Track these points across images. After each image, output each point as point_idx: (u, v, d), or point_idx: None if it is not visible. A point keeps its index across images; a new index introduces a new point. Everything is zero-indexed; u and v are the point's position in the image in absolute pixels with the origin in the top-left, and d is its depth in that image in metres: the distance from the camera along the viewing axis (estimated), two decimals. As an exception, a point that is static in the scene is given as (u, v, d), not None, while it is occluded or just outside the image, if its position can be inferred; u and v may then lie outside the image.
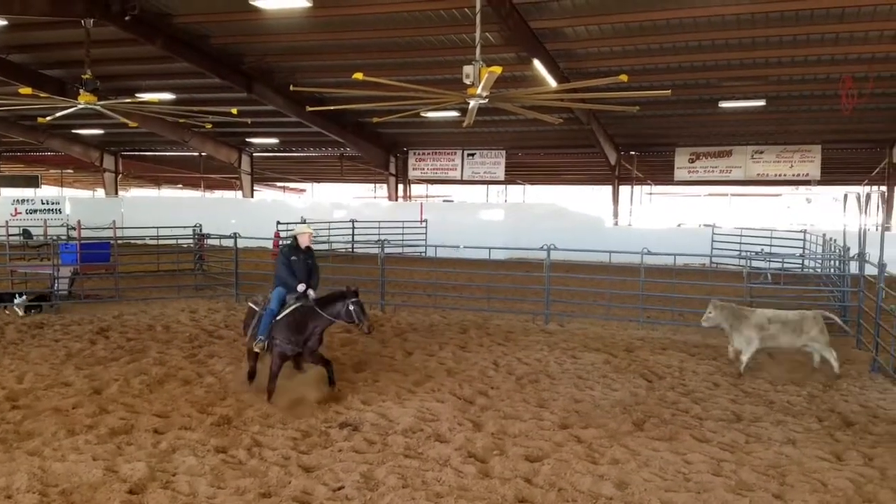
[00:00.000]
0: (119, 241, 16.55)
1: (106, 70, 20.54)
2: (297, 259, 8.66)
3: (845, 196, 14.05)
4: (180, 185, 51.09)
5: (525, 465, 6.26)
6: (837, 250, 15.99)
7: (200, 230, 18.71)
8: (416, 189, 40.10)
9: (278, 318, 8.31)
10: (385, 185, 35.83)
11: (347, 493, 5.61)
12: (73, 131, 33.36)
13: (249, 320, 8.88)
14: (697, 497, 5.67)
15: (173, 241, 20.69)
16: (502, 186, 41.97)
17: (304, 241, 8.83)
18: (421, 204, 32.10)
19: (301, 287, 8.40)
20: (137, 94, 22.12)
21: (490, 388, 8.80)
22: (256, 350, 8.38)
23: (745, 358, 9.69)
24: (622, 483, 5.91)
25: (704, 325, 10.26)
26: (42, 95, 14.97)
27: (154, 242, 20.98)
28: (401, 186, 34.56)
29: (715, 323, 10.04)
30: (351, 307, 8.11)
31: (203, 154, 34.94)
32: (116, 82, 23.10)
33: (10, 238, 17.25)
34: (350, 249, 25.38)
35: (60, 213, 29.44)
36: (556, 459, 6.37)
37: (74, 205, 33.44)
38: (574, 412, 7.84)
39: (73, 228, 18.36)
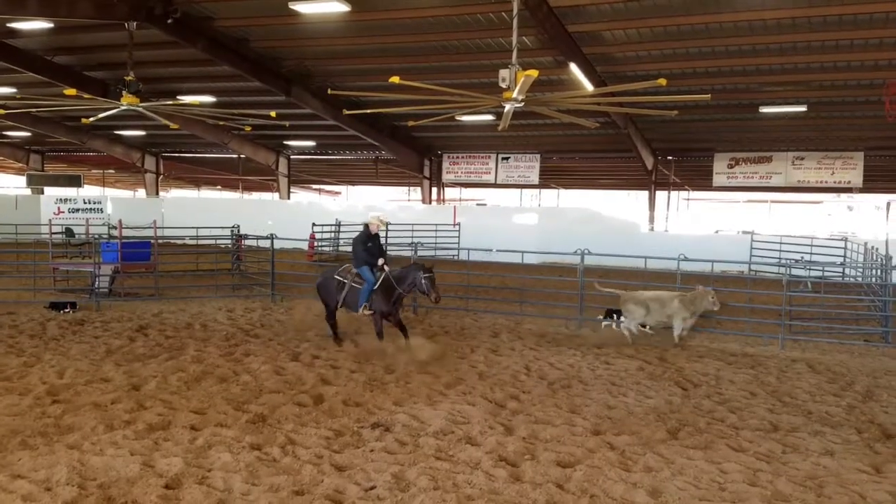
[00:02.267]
0: (159, 241, 16.83)
1: (148, 72, 20.99)
2: (371, 244, 10.81)
3: (888, 204, 13.75)
4: (219, 187, 51.82)
5: (556, 470, 6.23)
6: (879, 259, 15.64)
7: (238, 231, 18.98)
8: (450, 192, 40.15)
9: (375, 287, 10.52)
10: (419, 188, 35.95)
11: (379, 493, 5.64)
12: (116, 132, 34.07)
13: (330, 291, 11.13)
14: (732, 507, 5.59)
15: (212, 242, 21.02)
16: (536, 190, 41.79)
17: (373, 229, 10.99)
18: (454, 207, 32.15)
19: (381, 261, 10.68)
20: (179, 97, 22.54)
21: (521, 392, 8.78)
22: (366, 314, 10.67)
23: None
24: (655, 491, 5.86)
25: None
26: (86, 97, 15.34)
27: (193, 242, 21.33)
28: (434, 189, 34.63)
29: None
30: (423, 279, 10.26)
31: (242, 156, 35.41)
32: (158, 84, 23.54)
33: (53, 236, 17.62)
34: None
35: (102, 212, 29.94)
36: (589, 466, 6.33)
37: (116, 204, 34.11)
38: (607, 418, 7.78)
39: (115, 228, 18.75)
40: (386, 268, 10.66)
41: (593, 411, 8.01)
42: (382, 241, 12.04)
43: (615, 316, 12.82)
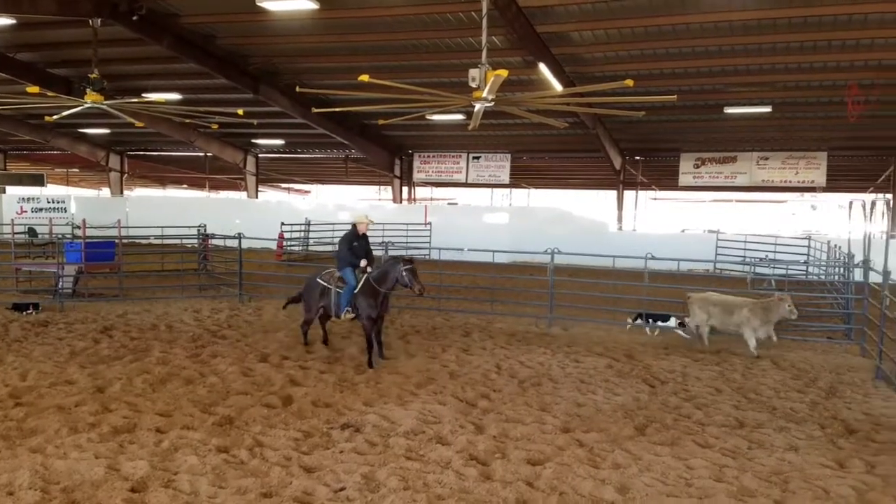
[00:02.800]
0: (124, 241, 16.57)
1: (113, 70, 20.65)
2: (357, 244, 10.37)
3: (850, 203, 14.04)
4: (185, 186, 51.18)
5: (526, 468, 6.25)
6: (842, 257, 15.96)
7: (205, 230, 18.75)
8: (421, 191, 40.11)
9: (356, 290, 10.08)
10: (390, 188, 35.87)
11: (349, 494, 5.61)
12: (80, 130, 33.51)
13: (313, 296, 10.68)
14: (699, 502, 5.65)
15: (178, 241, 20.75)
16: (507, 190, 41.93)
17: (361, 229, 10.51)
18: (425, 206, 32.11)
19: (363, 263, 10.23)
20: (144, 94, 22.20)
21: (492, 391, 8.80)
22: (347, 317, 10.29)
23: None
24: (623, 487, 5.90)
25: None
26: (49, 94, 15.05)
27: (158, 242, 21.04)
28: (405, 189, 34.60)
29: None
30: (404, 272, 9.81)
31: (208, 154, 35.05)
32: (123, 82, 23.19)
33: (16, 236, 17.26)
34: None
35: (66, 211, 29.47)
36: (558, 463, 6.36)
37: (80, 204, 33.50)
38: (576, 416, 7.83)
39: (79, 227, 18.42)
40: (369, 269, 10.19)
41: (563, 409, 8.06)
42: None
43: (649, 320, 12.77)
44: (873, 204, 12.85)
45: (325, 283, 10.53)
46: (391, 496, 5.55)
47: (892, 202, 26.71)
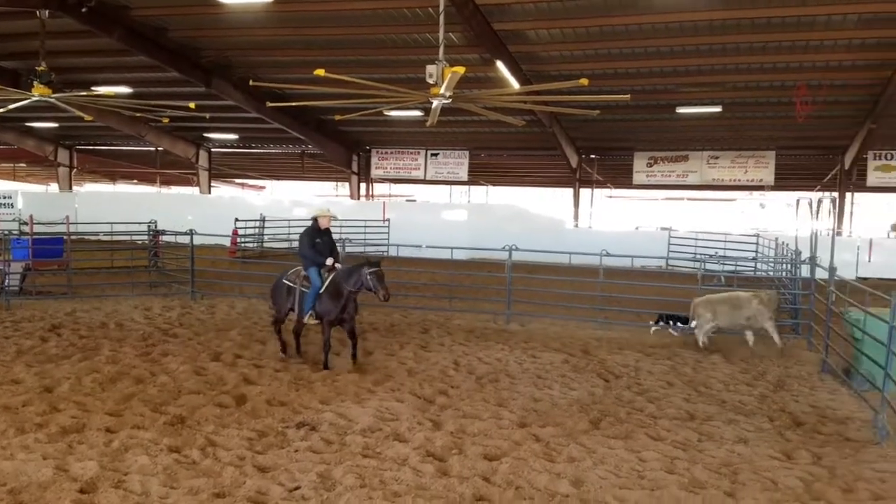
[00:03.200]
0: (72, 237, 16.15)
1: (61, 62, 20.12)
2: (320, 241, 9.87)
3: (798, 201, 14.40)
4: (136, 181, 50.12)
5: (483, 463, 6.27)
6: (789, 254, 16.37)
7: (156, 226, 18.38)
8: (379, 188, 39.98)
9: (321, 291, 9.54)
10: (347, 184, 35.65)
11: (304, 493, 5.56)
12: (27, 124, 32.55)
13: (280, 296, 10.09)
14: (651, 494, 5.75)
15: (128, 238, 20.31)
16: (465, 187, 42.08)
17: (323, 224, 10.05)
18: (384, 203, 32.02)
19: (329, 261, 9.69)
20: (93, 88, 21.65)
21: (450, 387, 8.81)
22: (311, 323, 9.67)
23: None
24: (578, 481, 5.97)
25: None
26: (-6, 86, 14.54)
27: (108, 238, 20.56)
28: (363, 185, 34.42)
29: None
30: (368, 276, 9.25)
31: (159, 149, 34.37)
32: (72, 75, 22.59)
33: (-41, 232, 16.69)
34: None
35: (12, 207, 28.65)
36: (514, 458, 6.41)
37: (27, 199, 32.56)
38: (533, 411, 7.89)
39: (26, 223, 17.90)
40: (337, 266, 9.70)
41: (520, 404, 8.11)
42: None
43: (670, 322, 12.78)
44: (819, 202, 13.17)
45: (291, 283, 9.99)
46: (347, 494, 5.51)
47: (837, 201, 27.50)
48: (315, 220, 10.06)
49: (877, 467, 6.46)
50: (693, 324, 12.00)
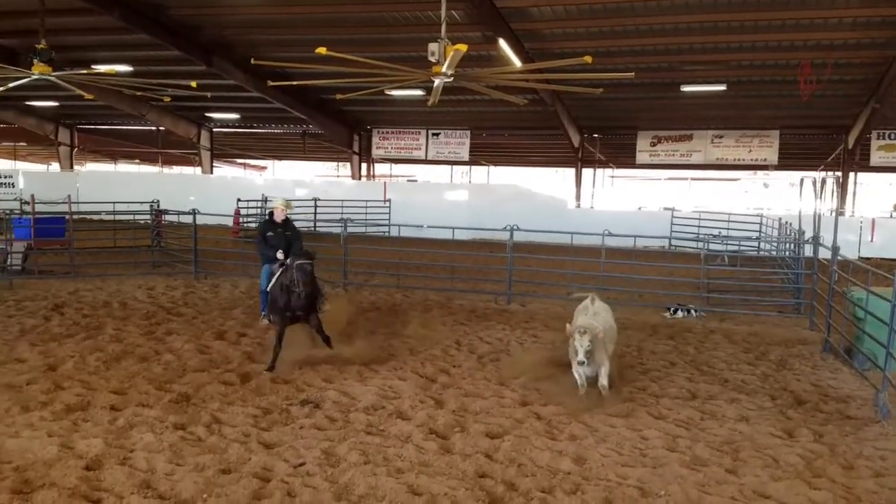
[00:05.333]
0: (74, 217, 16.14)
1: (61, 40, 19.96)
2: (272, 234, 9.40)
3: (801, 181, 14.35)
4: (137, 161, 49.99)
5: (486, 441, 6.31)
6: (792, 234, 16.35)
7: (158, 206, 18.36)
8: (380, 168, 39.86)
9: (268, 290, 9.03)
10: (348, 164, 35.53)
11: (308, 469, 5.60)
12: (27, 103, 32.37)
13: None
14: (653, 472, 5.79)
15: (130, 217, 20.30)
16: (466, 167, 41.93)
17: (278, 215, 9.56)
18: (385, 183, 31.97)
19: (280, 255, 9.04)
20: (94, 66, 21.52)
21: (452, 366, 8.85)
22: (262, 324, 9.24)
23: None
24: (580, 458, 6.01)
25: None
26: (-7, 65, 14.45)
27: (110, 218, 20.56)
28: (364, 165, 34.31)
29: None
30: (294, 269, 8.36)
31: (161, 129, 34.21)
32: (72, 53, 22.44)
33: (-39, 212, 16.68)
34: (312, 228, 25.17)
35: (13, 186, 28.62)
36: (517, 436, 6.44)
37: (28, 179, 32.56)
38: (534, 390, 7.92)
39: (27, 203, 17.88)
40: (289, 261, 8.69)
41: (521, 383, 8.13)
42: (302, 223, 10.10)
43: (688, 311, 12.73)
44: (823, 182, 13.14)
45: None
46: (351, 470, 5.56)
47: (841, 180, 27.42)
48: (270, 213, 9.65)
49: (877, 445, 6.51)
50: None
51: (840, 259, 10.48)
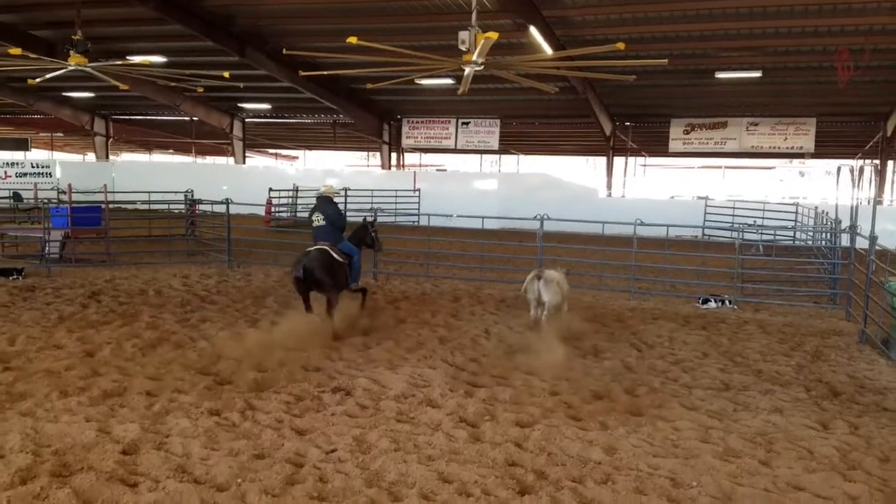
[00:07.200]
0: (110, 206, 16.44)
1: (97, 31, 20.26)
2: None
3: (838, 169, 14.09)
4: (171, 151, 50.68)
5: (515, 430, 6.31)
6: (829, 223, 16.06)
7: (192, 196, 18.61)
8: (410, 158, 39.92)
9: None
10: (378, 154, 35.64)
11: (340, 455, 5.65)
12: (64, 94, 32.99)
13: None
14: (685, 462, 5.74)
15: (165, 207, 20.60)
16: (496, 156, 41.79)
17: None
18: (414, 173, 31.98)
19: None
20: (128, 57, 21.83)
21: (481, 355, 8.85)
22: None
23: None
24: (611, 448, 5.98)
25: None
26: (31, 56, 14.74)
27: (145, 207, 20.88)
28: (394, 155, 34.39)
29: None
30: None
31: (194, 119, 34.63)
32: (107, 44, 22.76)
33: (0, 201, 17.07)
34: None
35: (51, 176, 29.17)
36: (546, 425, 6.43)
37: (65, 168, 33.17)
38: (564, 380, 7.90)
39: (64, 192, 18.24)
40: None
41: (551, 373, 8.11)
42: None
43: (723, 302, 12.59)
44: (861, 170, 12.88)
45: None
46: (382, 457, 5.60)
47: (879, 168, 26.83)
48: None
49: (916, 438, 6.38)
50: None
51: (878, 249, 10.27)
